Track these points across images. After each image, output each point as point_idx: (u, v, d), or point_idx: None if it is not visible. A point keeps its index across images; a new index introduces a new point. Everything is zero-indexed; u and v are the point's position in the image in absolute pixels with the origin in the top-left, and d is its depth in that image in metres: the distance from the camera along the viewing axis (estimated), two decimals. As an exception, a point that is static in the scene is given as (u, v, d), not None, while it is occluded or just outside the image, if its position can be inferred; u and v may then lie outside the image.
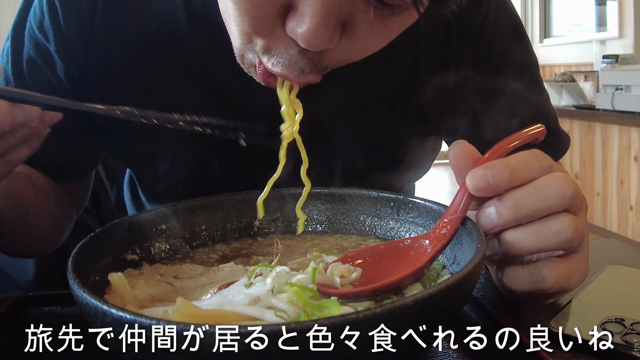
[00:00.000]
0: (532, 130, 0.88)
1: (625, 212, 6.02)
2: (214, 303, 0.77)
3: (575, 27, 10.03)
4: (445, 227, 0.84)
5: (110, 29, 1.20)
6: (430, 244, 0.84)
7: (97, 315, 0.60)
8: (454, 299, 0.64)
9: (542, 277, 0.83)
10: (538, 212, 0.81)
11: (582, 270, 0.87)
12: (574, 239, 0.81)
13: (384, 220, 1.04)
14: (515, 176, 0.80)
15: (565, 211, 0.82)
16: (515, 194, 0.81)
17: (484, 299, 0.97)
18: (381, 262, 0.87)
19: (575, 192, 0.81)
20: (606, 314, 0.85)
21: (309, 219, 1.09)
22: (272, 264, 0.88)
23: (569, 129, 6.80)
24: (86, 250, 0.79)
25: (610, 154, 6.17)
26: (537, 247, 0.82)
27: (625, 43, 8.69)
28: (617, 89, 6.04)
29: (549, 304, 0.95)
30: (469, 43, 1.33)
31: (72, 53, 1.21)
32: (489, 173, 0.80)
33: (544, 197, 0.80)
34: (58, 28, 1.19)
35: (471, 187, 0.81)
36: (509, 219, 0.81)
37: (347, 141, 1.26)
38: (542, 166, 0.82)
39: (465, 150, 0.84)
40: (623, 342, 0.78)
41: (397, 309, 0.57)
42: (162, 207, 1.00)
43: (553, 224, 0.81)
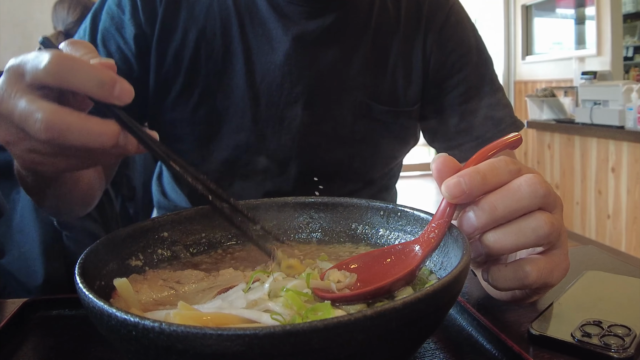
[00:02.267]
0: (510, 139, 0.89)
1: (603, 220, 6.03)
2: (214, 306, 0.77)
3: (556, 45, 10.08)
4: (433, 232, 0.84)
5: (172, 4, 1.44)
6: (420, 248, 0.84)
7: (102, 317, 0.60)
8: (440, 302, 0.64)
9: (525, 273, 0.84)
10: (514, 212, 0.82)
11: (563, 265, 0.88)
12: (550, 234, 0.82)
13: (374, 228, 1.04)
14: (486, 181, 0.82)
15: (540, 209, 0.83)
16: (491, 197, 0.82)
17: (468, 302, 0.98)
18: (375, 267, 0.87)
19: (547, 191, 0.82)
20: (585, 317, 0.86)
21: (304, 227, 1.09)
22: (269, 270, 0.89)
23: (549, 142, 6.82)
24: (92, 256, 0.79)
25: (588, 166, 6.19)
26: (517, 244, 0.83)
27: (603, 60, 8.73)
28: (595, 103, 6.07)
29: (530, 307, 0.96)
30: (434, 35, 1.57)
31: (142, 20, 1.43)
32: (461, 180, 0.81)
33: (517, 198, 0.81)
34: (133, 1, 1.43)
35: (447, 195, 0.82)
36: (487, 221, 0.82)
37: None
38: (511, 170, 0.84)
39: (446, 162, 0.85)
40: (601, 343, 0.78)
41: (387, 312, 0.57)
42: (163, 215, 1.00)
43: (529, 221, 0.82)
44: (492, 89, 1.61)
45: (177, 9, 1.45)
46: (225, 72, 1.45)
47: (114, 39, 1.45)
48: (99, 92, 0.77)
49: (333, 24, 1.48)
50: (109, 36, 1.45)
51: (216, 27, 1.45)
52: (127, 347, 0.60)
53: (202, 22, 1.45)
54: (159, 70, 1.46)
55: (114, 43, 1.45)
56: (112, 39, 1.45)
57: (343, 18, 1.49)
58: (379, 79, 1.54)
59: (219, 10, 1.46)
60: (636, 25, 10.47)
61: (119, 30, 1.45)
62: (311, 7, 1.45)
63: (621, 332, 0.81)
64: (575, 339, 0.80)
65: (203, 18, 1.45)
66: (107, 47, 1.45)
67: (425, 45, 1.58)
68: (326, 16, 1.47)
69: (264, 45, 1.45)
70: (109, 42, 1.46)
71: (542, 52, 10.77)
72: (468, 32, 1.64)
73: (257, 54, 1.45)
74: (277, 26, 1.45)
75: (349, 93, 1.51)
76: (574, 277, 1.04)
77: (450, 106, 1.59)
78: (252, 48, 1.45)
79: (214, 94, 1.43)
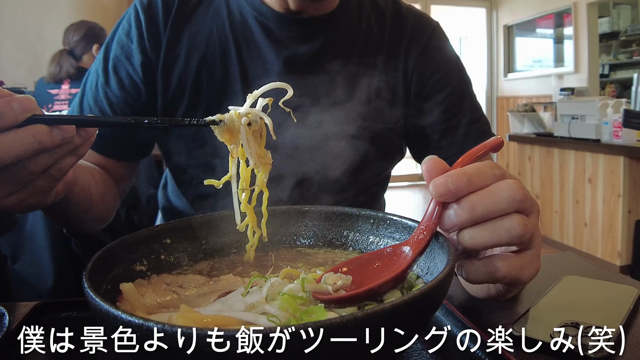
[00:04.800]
0: (492, 142, 0.91)
1: (580, 228, 6.04)
2: (214, 309, 0.77)
3: (536, 63, 10.13)
4: (422, 233, 0.85)
5: (174, 35, 1.51)
6: (411, 249, 0.85)
7: (109, 319, 0.60)
8: (427, 305, 0.65)
9: (495, 268, 0.85)
10: (491, 213, 0.83)
11: (534, 265, 0.90)
12: (523, 234, 0.83)
13: (364, 235, 1.04)
14: (472, 182, 0.83)
15: (516, 212, 0.84)
16: (471, 197, 0.83)
17: (453, 305, 0.98)
18: (368, 269, 0.88)
19: (524, 196, 0.83)
20: (563, 319, 0.86)
21: (299, 234, 1.09)
22: (267, 275, 0.89)
23: (530, 154, 6.83)
24: (100, 262, 0.79)
25: (567, 177, 6.20)
26: (491, 242, 0.84)
27: (580, 77, 8.78)
28: (573, 118, 6.08)
29: (511, 309, 0.96)
30: (416, 57, 1.62)
31: (148, 49, 1.51)
32: (449, 180, 0.82)
33: (496, 200, 0.82)
34: (140, 32, 1.51)
35: (434, 194, 0.83)
36: (466, 219, 0.83)
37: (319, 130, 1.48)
38: (495, 174, 0.85)
39: (436, 163, 0.86)
40: (578, 344, 0.78)
41: (377, 314, 0.57)
42: (166, 223, 1.00)
43: (504, 222, 0.83)
44: (471, 108, 1.65)
45: (179, 37, 1.52)
46: (225, 93, 1.50)
47: (124, 67, 1.52)
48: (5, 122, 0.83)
49: (322, 47, 1.52)
50: (119, 64, 1.53)
51: (216, 53, 1.50)
52: (132, 348, 0.60)
53: (203, 49, 1.50)
54: (166, 93, 1.51)
55: (124, 70, 1.52)
56: (122, 66, 1.52)
57: (331, 41, 1.54)
58: (365, 98, 1.57)
59: (218, 37, 1.51)
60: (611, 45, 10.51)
61: (128, 58, 1.52)
62: (300, 32, 1.50)
63: (598, 333, 0.81)
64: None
65: (204, 45, 1.51)
66: (118, 74, 1.52)
67: (407, 67, 1.62)
68: (315, 40, 1.52)
69: (259, 68, 1.50)
70: (119, 70, 1.52)
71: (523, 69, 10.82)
72: (449, 55, 1.67)
73: (253, 76, 1.50)
74: (270, 50, 1.49)
75: (338, 111, 1.52)
76: (553, 281, 1.05)
77: (433, 124, 1.62)
78: (248, 71, 1.50)
79: (215, 113, 1.45)
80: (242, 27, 1.52)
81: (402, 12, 1.67)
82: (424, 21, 1.68)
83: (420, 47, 1.63)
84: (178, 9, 1.53)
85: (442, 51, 1.66)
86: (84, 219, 1.39)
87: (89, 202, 1.33)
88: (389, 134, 1.62)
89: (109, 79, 1.52)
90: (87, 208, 1.33)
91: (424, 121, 1.63)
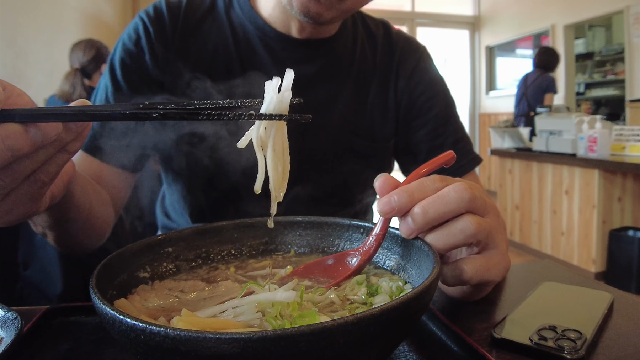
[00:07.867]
0: (442, 157, 0.94)
1: (557, 237, 6.06)
2: (213, 313, 0.77)
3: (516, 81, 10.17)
4: (371, 243, 0.93)
5: (182, 49, 1.49)
6: (360, 256, 0.93)
7: (114, 323, 0.60)
8: (414, 309, 0.65)
9: (461, 270, 0.86)
10: (443, 214, 0.84)
11: (502, 264, 0.91)
12: (477, 233, 0.84)
13: (354, 244, 1.04)
14: (413, 198, 0.85)
15: (468, 212, 0.85)
16: (423, 202, 0.84)
17: (438, 309, 0.98)
18: (325, 267, 0.97)
19: (472, 196, 0.85)
20: (542, 322, 0.86)
21: (293, 243, 1.09)
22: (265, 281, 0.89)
23: (510, 167, 6.85)
24: (105, 269, 0.79)
25: (545, 188, 6.22)
26: (449, 244, 0.85)
27: (558, 95, 8.81)
28: (550, 133, 6.11)
29: (492, 313, 0.96)
30: (405, 79, 1.64)
31: (159, 59, 1.48)
32: (391, 199, 0.85)
33: (445, 202, 0.84)
34: (150, 41, 1.48)
35: (380, 212, 0.87)
36: (421, 223, 0.84)
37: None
38: (437, 187, 0.86)
39: (386, 181, 0.89)
40: (556, 346, 0.78)
41: (366, 318, 0.57)
42: (168, 232, 1.00)
43: (457, 223, 0.84)
44: (455, 129, 1.67)
45: (187, 51, 1.50)
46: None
47: (135, 74, 1.48)
48: None
49: (321, 68, 1.54)
50: (129, 72, 1.48)
51: (220, 69, 1.49)
52: (136, 349, 0.60)
53: (208, 64, 1.49)
54: None
55: (136, 76, 1.48)
56: (133, 73, 1.48)
57: (330, 64, 1.55)
58: (359, 117, 1.59)
59: (223, 54, 1.50)
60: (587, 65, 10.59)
61: (139, 66, 1.48)
62: (302, 54, 1.52)
63: (573, 335, 0.81)
64: (533, 342, 0.80)
65: (209, 60, 1.50)
66: (129, 81, 1.48)
67: (397, 88, 1.64)
68: (315, 62, 1.53)
69: (262, 86, 1.47)
70: (131, 77, 1.48)
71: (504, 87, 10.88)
72: (435, 78, 1.69)
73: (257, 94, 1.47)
74: (273, 69, 1.49)
75: (334, 128, 1.54)
76: (532, 287, 1.05)
77: (419, 142, 1.65)
78: (252, 89, 1.47)
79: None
80: (246, 46, 1.52)
81: (391, 37, 1.69)
82: (412, 45, 1.71)
83: (409, 70, 1.65)
84: (184, 24, 1.51)
85: (429, 74, 1.68)
86: (83, 228, 1.26)
87: (89, 207, 1.23)
88: (380, 151, 1.64)
89: (120, 87, 1.48)
90: (87, 214, 1.22)
91: (411, 139, 1.66)
